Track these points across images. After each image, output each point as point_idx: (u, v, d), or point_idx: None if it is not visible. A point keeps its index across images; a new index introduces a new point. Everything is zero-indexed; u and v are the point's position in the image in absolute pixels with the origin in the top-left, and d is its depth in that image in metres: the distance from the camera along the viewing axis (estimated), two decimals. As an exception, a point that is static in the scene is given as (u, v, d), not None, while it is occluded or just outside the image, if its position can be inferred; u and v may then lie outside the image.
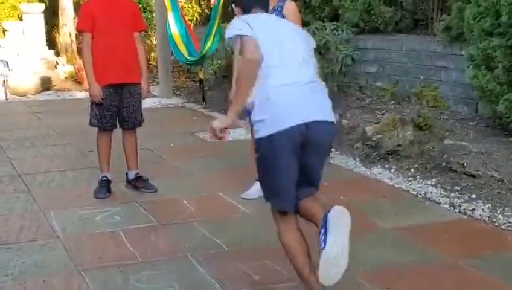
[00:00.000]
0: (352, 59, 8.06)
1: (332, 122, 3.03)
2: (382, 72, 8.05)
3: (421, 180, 5.25)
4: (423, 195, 4.95)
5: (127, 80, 4.95)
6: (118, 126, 5.11)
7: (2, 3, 13.47)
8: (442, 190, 5.00)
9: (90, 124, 5.04)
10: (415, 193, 5.02)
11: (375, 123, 6.16)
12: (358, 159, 5.97)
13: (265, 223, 3.45)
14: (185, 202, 4.89)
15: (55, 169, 5.88)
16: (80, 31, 5.22)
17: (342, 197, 4.92)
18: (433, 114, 6.24)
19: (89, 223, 4.46)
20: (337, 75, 8.12)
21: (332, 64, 8.09)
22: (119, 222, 4.48)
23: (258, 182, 4.92)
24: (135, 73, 4.99)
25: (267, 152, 2.91)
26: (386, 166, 5.68)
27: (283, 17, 4.70)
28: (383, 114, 7.20)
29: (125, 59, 4.89)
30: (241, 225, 4.40)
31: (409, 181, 5.28)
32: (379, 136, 5.96)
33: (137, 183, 5.19)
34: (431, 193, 4.97)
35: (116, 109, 4.98)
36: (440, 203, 4.76)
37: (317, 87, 3.03)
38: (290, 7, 4.77)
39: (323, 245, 2.74)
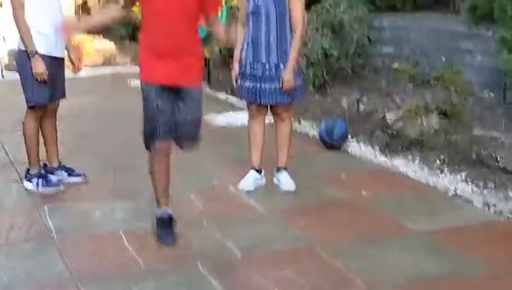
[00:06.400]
0: (369, 39, 7.58)
1: None
2: (399, 53, 7.56)
3: (449, 175, 4.82)
4: (453, 192, 4.52)
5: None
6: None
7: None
8: (473, 186, 4.58)
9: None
10: (444, 189, 4.59)
11: (396, 109, 5.72)
12: (377, 149, 5.54)
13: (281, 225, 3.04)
14: (191, 197, 4.47)
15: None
16: None
17: (363, 193, 4.51)
18: (459, 100, 5.78)
19: (87, 222, 4.04)
20: (350, 55, 7.64)
21: (346, 44, 7.59)
22: (120, 220, 4.06)
23: (253, 171, 4.62)
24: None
25: None
26: (409, 157, 5.25)
27: None
28: (402, 99, 6.74)
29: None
30: (255, 225, 3.98)
31: (436, 175, 4.85)
32: (401, 124, 5.54)
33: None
34: (462, 189, 4.54)
35: None
36: (473, 201, 4.34)
37: None
38: None
39: None
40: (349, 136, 5.80)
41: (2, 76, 9.73)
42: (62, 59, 4.63)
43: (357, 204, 4.35)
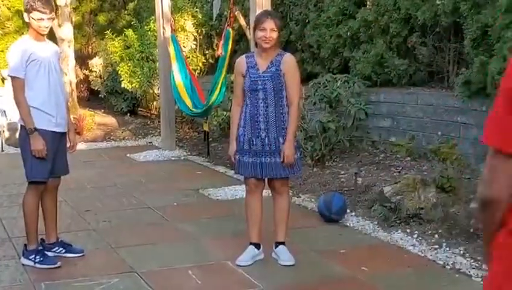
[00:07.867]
0: (366, 113, 7.70)
1: None
2: (396, 126, 7.67)
3: (447, 249, 4.80)
4: (451, 266, 4.50)
5: None
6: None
7: (2, 51, 13.23)
8: (472, 260, 4.56)
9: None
10: (442, 262, 4.57)
11: (395, 183, 5.75)
12: (376, 223, 5.54)
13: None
14: (190, 272, 4.44)
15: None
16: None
17: (363, 268, 4.49)
18: (455, 174, 5.82)
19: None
20: (348, 129, 7.74)
21: (343, 118, 7.71)
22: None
23: (251, 246, 4.59)
24: None
25: None
26: (408, 231, 5.25)
27: (281, 72, 4.39)
28: (399, 171, 6.80)
29: None
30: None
31: (435, 249, 4.83)
32: (398, 197, 5.55)
33: None
34: (460, 263, 4.52)
35: None
36: (471, 275, 4.32)
37: None
38: (289, 62, 4.47)
39: None
40: (348, 210, 5.81)
41: (2, 150, 9.80)
42: (64, 134, 4.68)
43: (357, 280, 4.32)
